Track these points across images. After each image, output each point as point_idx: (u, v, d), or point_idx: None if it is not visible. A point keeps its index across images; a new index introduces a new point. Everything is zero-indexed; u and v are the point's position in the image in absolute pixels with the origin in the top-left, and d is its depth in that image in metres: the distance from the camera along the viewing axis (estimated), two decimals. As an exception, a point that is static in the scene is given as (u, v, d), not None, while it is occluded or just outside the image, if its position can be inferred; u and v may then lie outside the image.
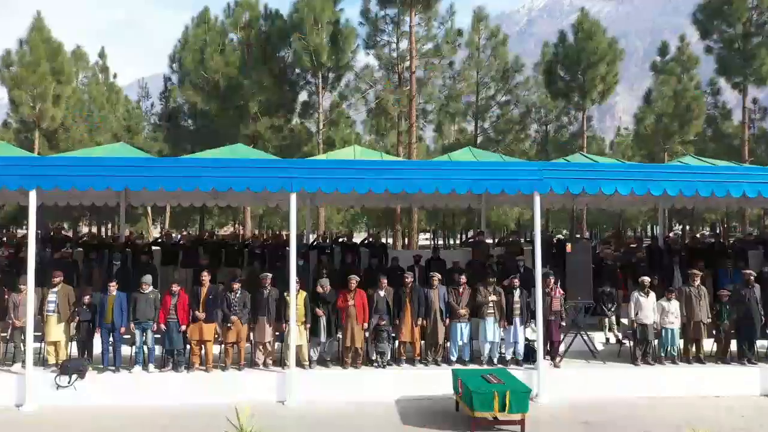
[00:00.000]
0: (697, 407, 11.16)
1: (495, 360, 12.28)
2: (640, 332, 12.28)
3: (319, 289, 12.05)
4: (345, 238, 16.22)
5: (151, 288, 11.78)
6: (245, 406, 7.18)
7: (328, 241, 17.01)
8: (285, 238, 16.67)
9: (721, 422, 10.36)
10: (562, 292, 12.32)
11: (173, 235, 17.57)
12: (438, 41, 28.60)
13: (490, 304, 12.14)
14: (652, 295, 12.42)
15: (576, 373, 12.04)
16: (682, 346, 12.62)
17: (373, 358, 12.03)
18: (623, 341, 13.04)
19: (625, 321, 13.37)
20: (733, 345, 12.66)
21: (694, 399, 11.59)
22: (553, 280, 12.28)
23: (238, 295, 11.80)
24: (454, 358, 12.28)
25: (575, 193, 11.59)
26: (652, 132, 32.83)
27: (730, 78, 30.93)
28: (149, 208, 33.12)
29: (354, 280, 11.96)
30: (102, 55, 39.31)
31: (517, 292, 12.17)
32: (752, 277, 12.59)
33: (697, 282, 12.64)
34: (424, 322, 12.13)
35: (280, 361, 11.95)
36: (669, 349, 12.45)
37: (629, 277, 14.80)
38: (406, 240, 31.87)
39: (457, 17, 28.54)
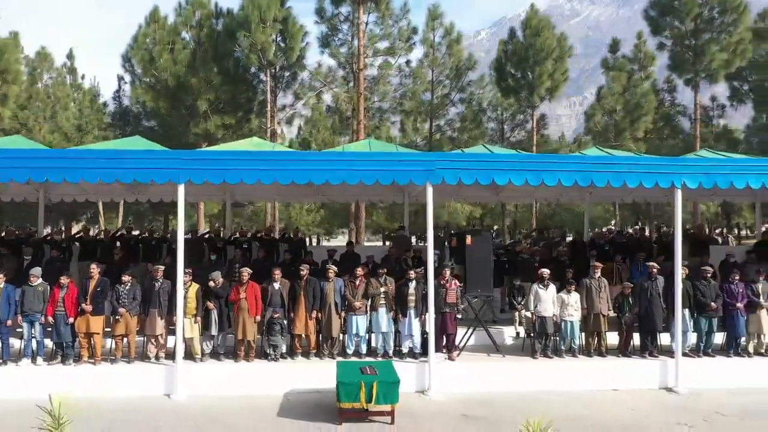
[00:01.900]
0: (588, 400, 10.99)
1: (390, 352, 12.13)
2: (539, 325, 12.14)
3: (211, 283, 11.91)
4: (263, 234, 16.11)
5: (40, 281, 11.63)
6: (60, 397, 7.00)
7: (249, 236, 16.88)
8: (207, 233, 16.58)
9: (608, 415, 10.23)
10: (458, 284, 12.18)
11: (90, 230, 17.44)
12: (394, 39, 28.48)
13: (381, 295, 12.00)
14: (552, 287, 12.29)
15: (472, 366, 11.90)
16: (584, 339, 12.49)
17: (268, 351, 11.88)
18: (527, 335, 12.90)
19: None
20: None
21: (590, 392, 11.42)
22: (449, 273, 12.15)
23: (127, 288, 11.68)
24: (350, 351, 12.13)
25: (468, 184, 11.43)
26: (603, 129, 32.74)
27: (682, 75, 30.86)
28: (100, 205, 32.94)
29: (246, 272, 11.83)
30: (70, 56, 39.30)
31: (412, 284, 12.02)
32: (655, 270, 12.45)
33: (598, 274, 12.51)
34: (319, 314, 11.99)
35: (174, 355, 11.81)
36: (569, 341, 12.31)
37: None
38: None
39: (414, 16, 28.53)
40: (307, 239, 29.86)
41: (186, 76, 27.73)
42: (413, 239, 22.48)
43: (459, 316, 12.14)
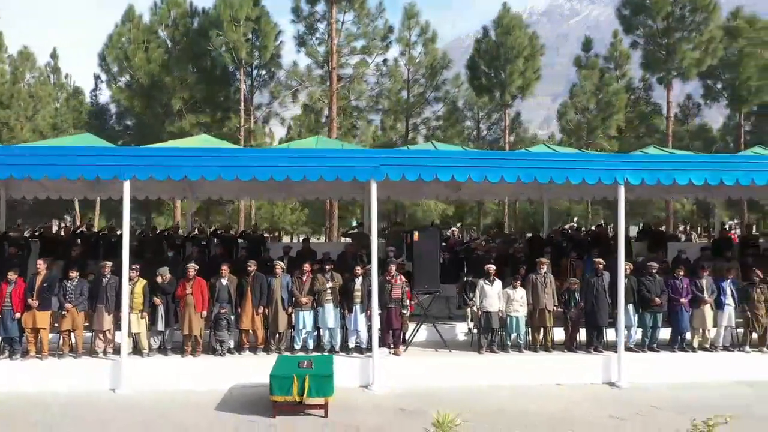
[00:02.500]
0: (528, 395, 11.08)
1: (337, 347, 12.23)
2: (485, 320, 12.24)
3: (158, 279, 12.00)
4: (223, 231, 16.21)
5: (-10, 277, 11.74)
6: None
7: (209, 233, 16.98)
8: (167, 230, 16.67)
9: (543, 409, 10.31)
10: (404, 279, 12.28)
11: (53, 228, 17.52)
12: (370, 38, 28.54)
13: (327, 291, 12.10)
14: (498, 282, 12.39)
15: (417, 361, 12.00)
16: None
17: (215, 346, 11.98)
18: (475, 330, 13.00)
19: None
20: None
21: (532, 387, 11.51)
22: (394, 268, 12.24)
23: (74, 284, 11.77)
24: (298, 347, 12.24)
25: (411, 180, 11.53)
26: (575, 127, 32.84)
27: (655, 73, 30.97)
28: (76, 202, 32.97)
29: (192, 269, 11.93)
30: (54, 56, 39.33)
31: (358, 280, 12.12)
32: (601, 266, 12.55)
33: (544, 270, 12.60)
34: (266, 310, 12.09)
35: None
36: (515, 337, 12.42)
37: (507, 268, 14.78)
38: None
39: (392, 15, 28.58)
40: (291, 238, 30.00)
41: (160, 74, 27.82)
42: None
43: (405, 312, 12.22)
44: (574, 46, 51.09)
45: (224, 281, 12.06)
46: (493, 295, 12.23)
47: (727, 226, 20.85)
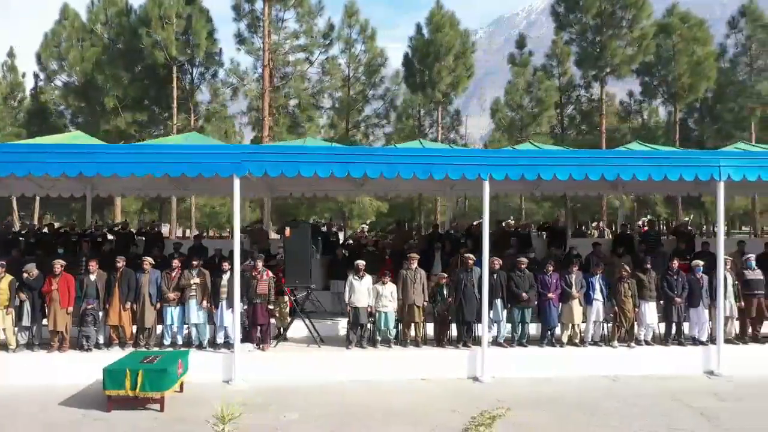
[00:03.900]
0: (385, 389, 11.13)
1: (205, 343, 12.28)
2: (353, 315, 12.31)
3: (25, 275, 12.02)
4: (120, 227, 16.25)
5: None
6: None
7: (105, 229, 17.01)
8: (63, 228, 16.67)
9: (391, 403, 10.35)
10: (270, 275, 12.33)
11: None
12: (309, 36, 28.60)
13: (193, 287, 12.15)
14: (367, 278, 12.44)
15: (284, 357, 12.09)
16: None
17: (82, 341, 12.01)
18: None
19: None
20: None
21: (396, 381, 11.56)
22: (260, 263, 12.30)
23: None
24: (167, 342, 12.29)
25: (273, 176, 11.59)
26: (509, 124, 32.94)
27: (588, 70, 31.11)
28: (14, 201, 32.96)
29: (58, 264, 11.96)
30: (11, 54, 39.21)
31: (225, 276, 12.16)
32: (471, 261, 12.60)
33: (414, 265, 12.66)
34: (133, 305, 12.13)
35: (-6, 346, 11.95)
36: (385, 332, 12.49)
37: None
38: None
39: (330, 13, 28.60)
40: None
41: (93, 73, 27.82)
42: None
43: (271, 307, 12.28)
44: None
45: (92, 277, 12.09)
46: (361, 291, 12.29)
47: (640, 222, 20.95)
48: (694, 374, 12.25)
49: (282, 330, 13.16)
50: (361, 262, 12.57)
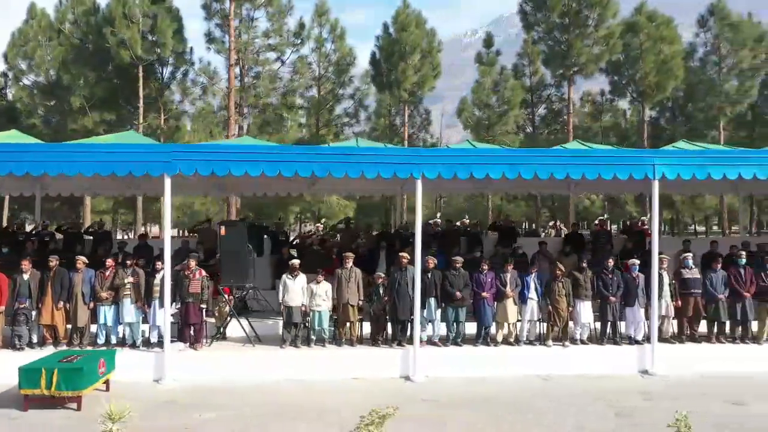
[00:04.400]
0: (312, 389, 11.11)
1: (138, 342, 12.27)
2: (287, 314, 12.31)
3: (-42, 275, 12.02)
4: (68, 227, 16.26)
5: None
6: None
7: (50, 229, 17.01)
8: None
9: (309, 403, 10.36)
10: (204, 274, 12.33)
11: None
12: (279, 35, 28.59)
13: (127, 286, 12.14)
14: (301, 277, 12.45)
15: (215, 356, 12.11)
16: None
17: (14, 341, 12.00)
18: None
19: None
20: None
21: (327, 381, 11.54)
22: (193, 263, 12.30)
23: None
24: (101, 341, 12.27)
25: (204, 175, 11.58)
26: (475, 123, 32.97)
27: (556, 69, 31.14)
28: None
29: (-12, 264, 11.97)
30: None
31: (159, 275, 12.15)
32: (405, 260, 12.60)
33: (350, 264, 12.67)
34: (67, 305, 12.12)
35: None
36: (319, 331, 12.49)
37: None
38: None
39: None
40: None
41: (59, 72, 27.78)
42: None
43: (203, 306, 12.28)
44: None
45: (25, 276, 12.08)
46: (295, 290, 12.29)
47: (597, 221, 21.00)
48: (629, 373, 12.26)
49: (222, 329, 13.16)
50: (295, 261, 12.58)
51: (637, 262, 13.02)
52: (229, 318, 12.95)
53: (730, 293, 12.97)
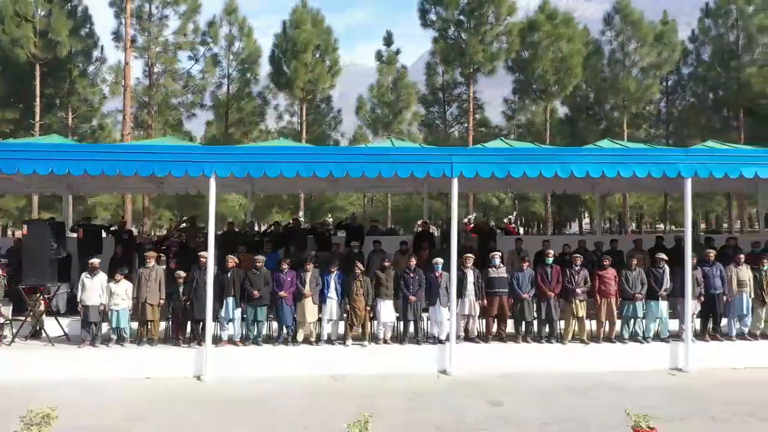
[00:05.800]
0: (99, 390, 11.09)
1: None
2: (84, 314, 12.36)
3: None
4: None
5: None
6: None
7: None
8: None
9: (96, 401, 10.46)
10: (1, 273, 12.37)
11: None
12: (184, 33, 28.56)
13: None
14: (100, 276, 12.49)
15: (10, 355, 12.10)
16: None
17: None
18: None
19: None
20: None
21: (115, 381, 11.53)
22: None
23: None
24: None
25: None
26: (373, 121, 33.02)
27: (451, 67, 31.17)
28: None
29: None
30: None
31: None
32: (203, 260, 12.53)
33: (152, 263, 12.73)
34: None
35: None
36: (118, 330, 12.52)
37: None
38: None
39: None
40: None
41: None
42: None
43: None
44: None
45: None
46: (93, 289, 12.33)
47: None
48: (428, 372, 12.27)
49: (38, 328, 13.15)
50: (95, 260, 12.59)
51: (441, 261, 13.04)
52: (25, 317, 12.91)
53: (536, 292, 13.06)
